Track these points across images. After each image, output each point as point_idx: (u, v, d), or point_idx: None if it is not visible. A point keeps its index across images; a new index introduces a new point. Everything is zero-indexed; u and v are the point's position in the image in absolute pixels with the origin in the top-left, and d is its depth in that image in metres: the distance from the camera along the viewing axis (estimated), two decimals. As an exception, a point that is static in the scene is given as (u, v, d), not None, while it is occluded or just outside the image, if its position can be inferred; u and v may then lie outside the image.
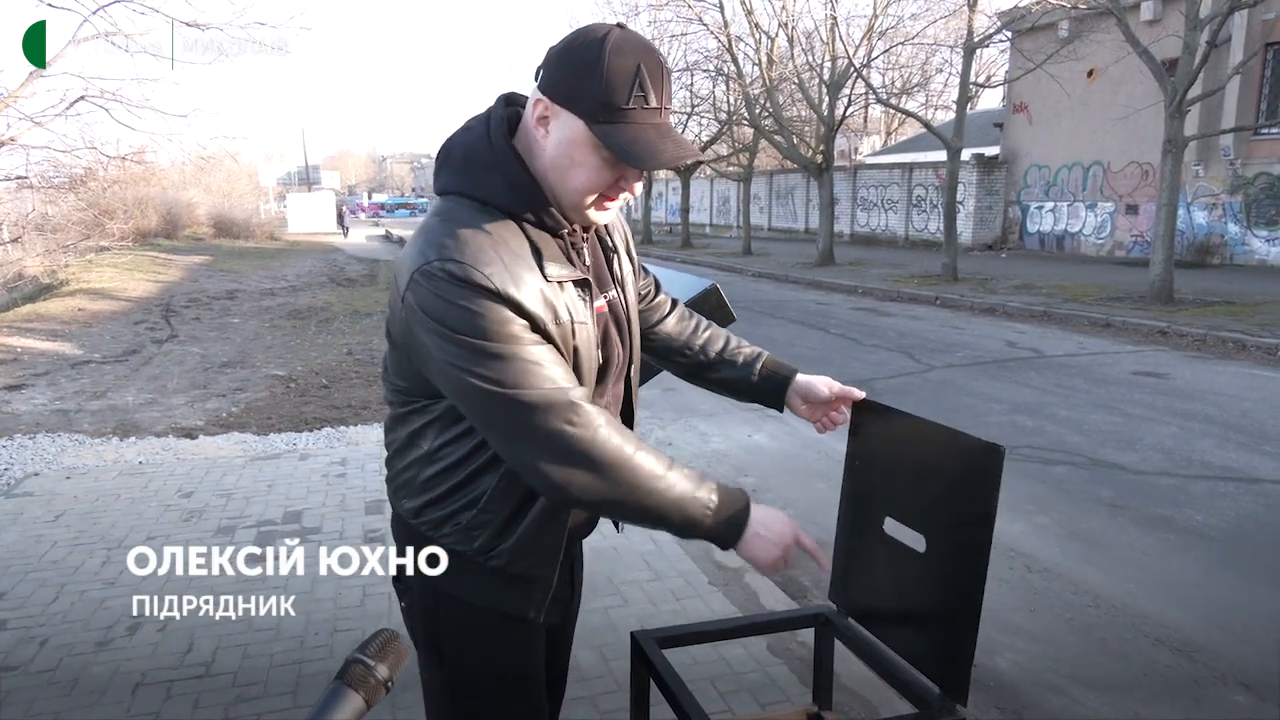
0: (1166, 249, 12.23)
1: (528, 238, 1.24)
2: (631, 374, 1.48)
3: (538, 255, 1.23)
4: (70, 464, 5.24)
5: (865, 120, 40.52)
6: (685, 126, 29.02)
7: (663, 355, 1.67)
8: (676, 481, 1.23)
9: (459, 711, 1.43)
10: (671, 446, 5.95)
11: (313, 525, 4.23)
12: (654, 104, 1.17)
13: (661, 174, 37.48)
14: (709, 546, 4.01)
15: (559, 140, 1.21)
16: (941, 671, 1.31)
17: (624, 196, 1.28)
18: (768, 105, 21.26)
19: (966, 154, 19.95)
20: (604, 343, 1.36)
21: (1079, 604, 3.63)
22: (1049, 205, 22.12)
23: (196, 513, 4.39)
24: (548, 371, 1.18)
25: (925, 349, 9.59)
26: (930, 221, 25.28)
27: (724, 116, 26.47)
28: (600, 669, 2.90)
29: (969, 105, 17.13)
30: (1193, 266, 16.73)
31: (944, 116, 31.32)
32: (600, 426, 1.20)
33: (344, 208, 41.79)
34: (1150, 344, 9.98)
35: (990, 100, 33.11)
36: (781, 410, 1.65)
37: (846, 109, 21.21)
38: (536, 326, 1.20)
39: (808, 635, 1.94)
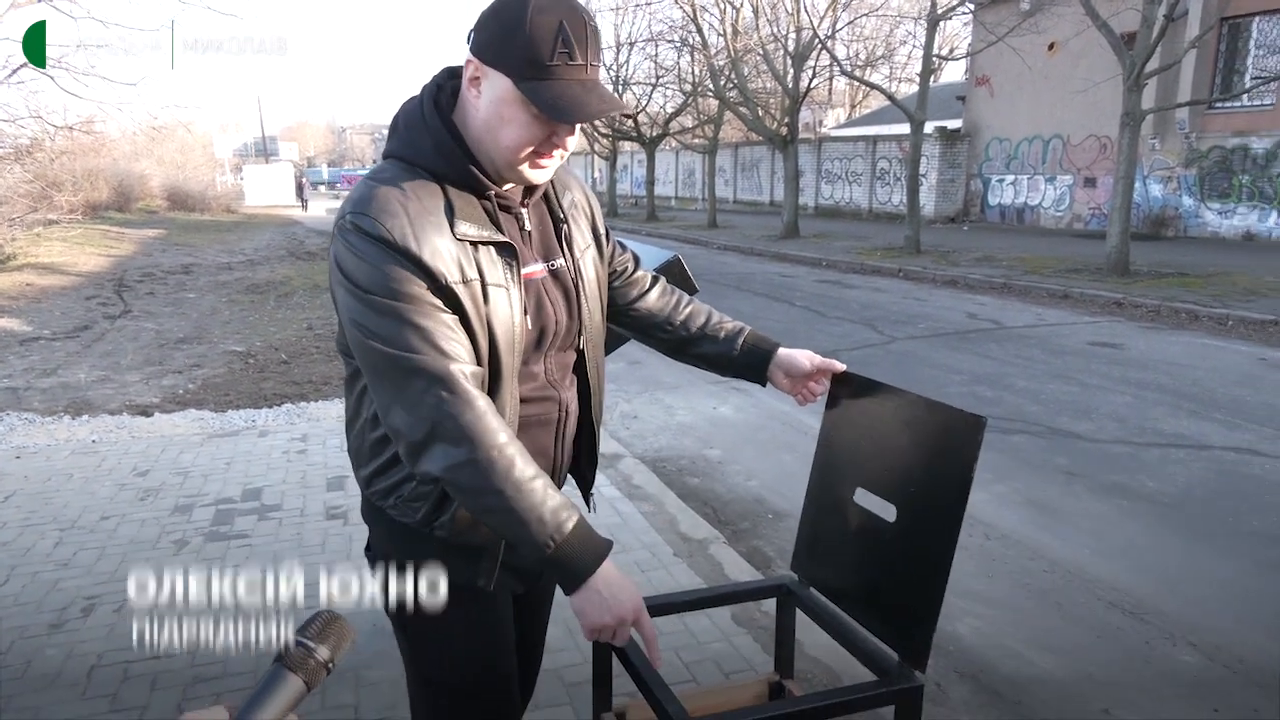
0: (1123, 221, 12.43)
1: (446, 197, 1.26)
2: (584, 345, 1.45)
3: (450, 213, 1.25)
4: (20, 443, 5.10)
5: (830, 93, 40.53)
6: (650, 98, 28.82)
7: (645, 331, 1.67)
8: (535, 494, 1.19)
9: (425, 679, 1.46)
10: (637, 420, 5.95)
11: (273, 502, 4.17)
12: (579, 60, 1.18)
13: (627, 146, 37.20)
14: (675, 519, 4.03)
15: (490, 100, 1.23)
16: (902, 639, 1.32)
17: (559, 153, 1.28)
18: (732, 77, 21.16)
19: (929, 127, 20.06)
20: (537, 310, 1.35)
21: (1036, 569, 3.71)
22: (1010, 178, 22.35)
23: (152, 491, 4.30)
24: (435, 338, 1.19)
25: (888, 321, 9.68)
26: (894, 194, 25.44)
27: (689, 88, 26.30)
28: (565, 642, 2.90)
29: (932, 78, 17.20)
30: (1148, 239, 17.04)
31: (908, 89, 31.44)
32: (473, 407, 1.18)
33: (304, 179, 40.97)
34: (1106, 315, 10.17)
35: (953, 73, 33.27)
36: (764, 384, 1.65)
37: (811, 81, 21.17)
38: (437, 283, 1.21)
39: (771, 606, 1.95)
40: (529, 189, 1.36)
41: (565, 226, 1.43)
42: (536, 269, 1.36)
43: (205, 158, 41.91)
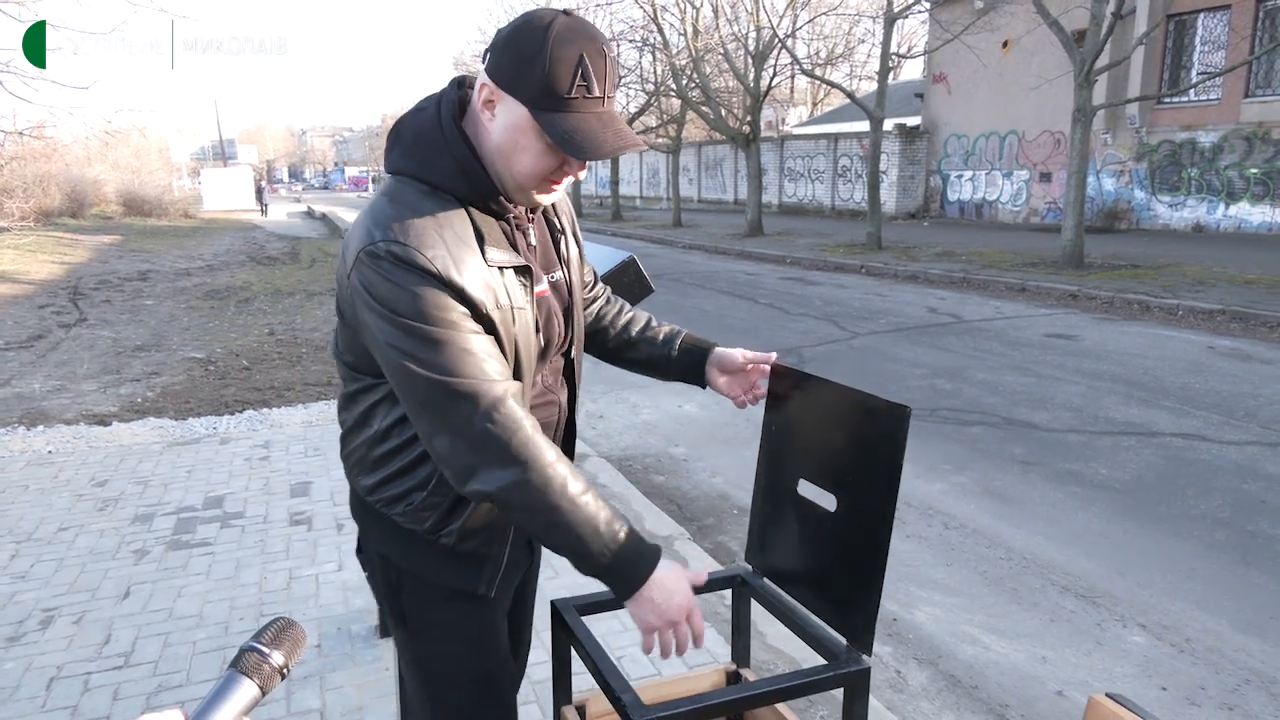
0: (1077, 215, 12.69)
1: (472, 222, 1.25)
2: (573, 352, 1.49)
3: (480, 239, 1.24)
4: (-27, 456, 5.00)
5: (791, 91, 40.83)
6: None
7: (587, 337, 1.68)
8: (589, 508, 1.22)
9: (425, 676, 1.48)
10: (603, 419, 5.98)
11: (235, 510, 4.14)
12: (596, 93, 1.18)
13: (590, 146, 37.18)
14: (640, 516, 4.05)
15: (504, 125, 1.22)
16: (849, 625, 1.37)
17: (567, 180, 1.30)
18: (694, 76, 21.25)
19: (889, 124, 20.31)
20: (545, 325, 1.37)
21: (993, 557, 3.79)
22: (968, 174, 22.70)
23: (111, 501, 4.25)
24: (481, 362, 1.19)
25: (850, 317, 9.80)
26: (855, 191, 25.71)
27: (651, 88, 26.36)
28: (532, 641, 2.92)
29: (891, 76, 17.42)
30: (1102, 232, 17.42)
31: (868, 87, 31.75)
32: (523, 428, 1.20)
33: (262, 183, 40.37)
34: (1062, 307, 10.38)
35: (912, 71, 33.71)
36: (704, 386, 1.67)
37: (772, 80, 21.34)
38: (477, 311, 1.21)
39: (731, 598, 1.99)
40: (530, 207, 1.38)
41: (562, 238, 1.46)
42: (543, 286, 1.38)
43: (161, 162, 41.16)
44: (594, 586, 1.36)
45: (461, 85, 1.30)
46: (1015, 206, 21.41)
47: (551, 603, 1.53)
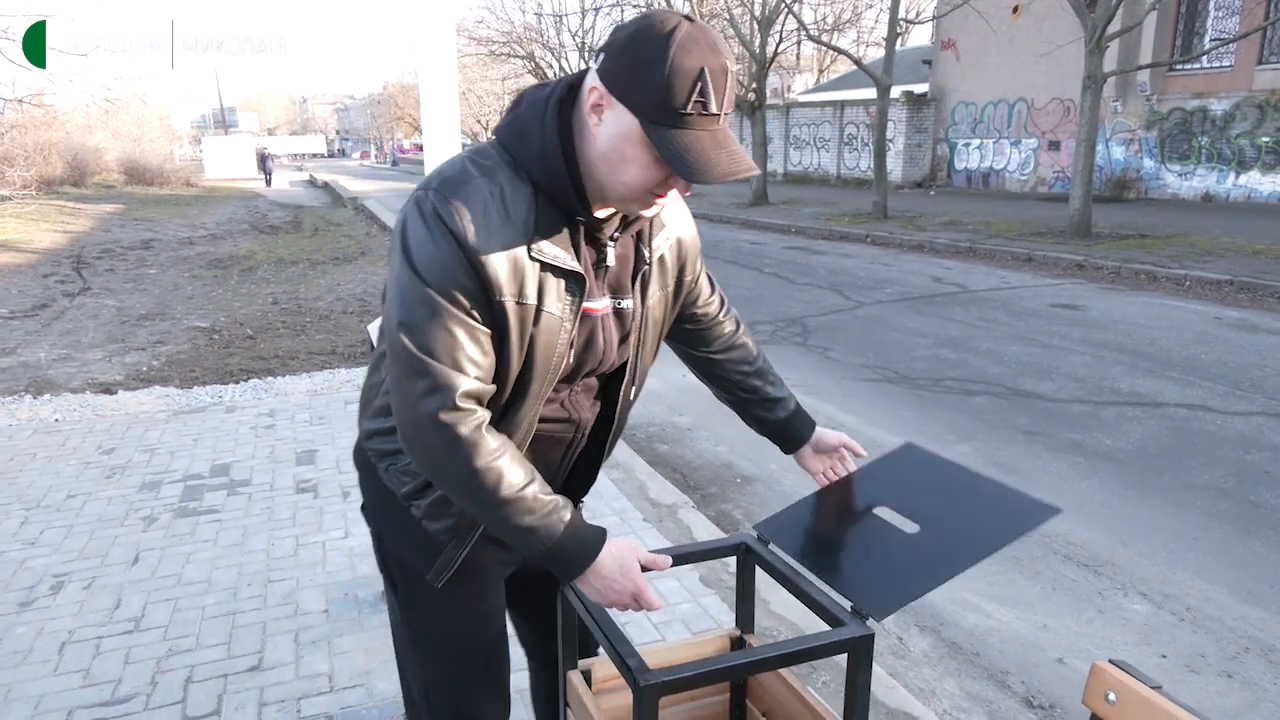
0: (1085, 184, 12.58)
1: (536, 210, 1.20)
2: (624, 388, 1.43)
3: (534, 228, 1.20)
4: (-19, 424, 5.03)
5: (798, 58, 40.34)
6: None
7: (704, 375, 1.71)
8: (524, 503, 1.21)
9: (413, 642, 1.52)
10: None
11: (242, 478, 4.17)
12: (713, 110, 1.12)
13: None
14: (644, 484, 4.08)
15: (611, 134, 1.16)
16: (857, 590, 1.38)
17: (673, 194, 1.24)
18: (699, 42, 20.95)
19: (896, 91, 20.09)
20: (585, 344, 1.31)
21: (995, 526, 3.80)
22: (975, 142, 22.49)
23: (119, 469, 4.28)
24: (456, 349, 1.17)
25: (855, 286, 9.77)
26: (862, 160, 25.49)
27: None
28: (536, 607, 2.96)
29: (898, 42, 17.19)
30: (1110, 201, 17.27)
31: (875, 53, 31.36)
32: (464, 424, 1.18)
33: (265, 151, 40.08)
34: (1068, 277, 10.33)
35: (920, 37, 33.25)
36: (788, 453, 1.73)
37: (778, 46, 21.08)
38: (489, 294, 1.17)
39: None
40: (624, 221, 1.31)
41: (646, 269, 1.37)
42: (600, 305, 1.31)
43: (162, 130, 40.95)
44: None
45: (574, 86, 1.24)
46: (1023, 175, 21.23)
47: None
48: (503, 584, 1.56)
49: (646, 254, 1.36)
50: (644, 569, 1.33)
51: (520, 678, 1.84)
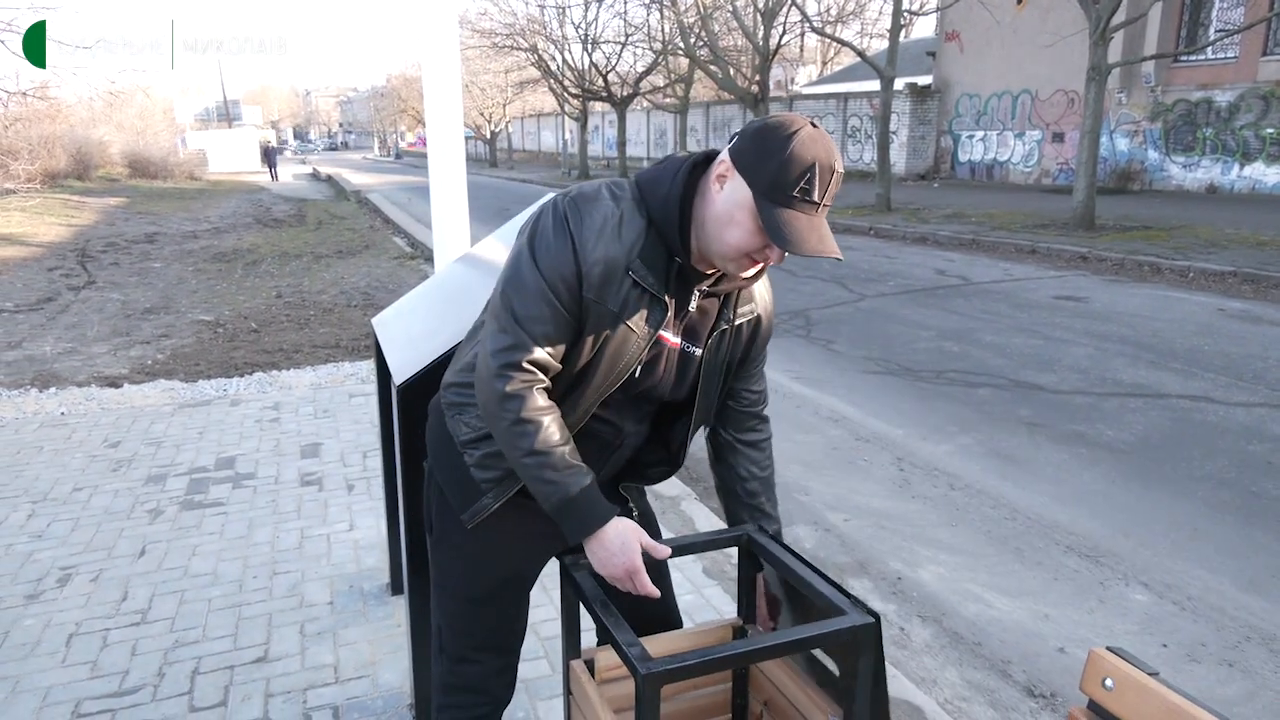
0: (1089, 176, 12.55)
1: (644, 240, 1.39)
2: (690, 425, 1.59)
3: (638, 253, 1.38)
4: (-13, 417, 5.06)
5: (801, 50, 40.19)
6: (620, 56, 28.48)
7: (718, 457, 1.77)
8: (554, 458, 1.38)
9: (436, 583, 1.67)
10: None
11: (247, 471, 4.19)
12: (815, 199, 1.30)
13: (597, 107, 36.82)
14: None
15: (728, 199, 1.34)
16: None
17: (766, 265, 1.40)
18: (703, 34, 20.94)
19: (900, 83, 20.02)
20: (648, 366, 1.47)
21: (997, 517, 3.82)
22: (979, 134, 22.42)
23: (125, 462, 4.30)
24: (544, 323, 1.37)
25: (858, 279, 9.76)
26: (865, 152, 25.42)
27: (659, 46, 26.00)
28: (540, 599, 2.97)
29: (902, 34, 17.14)
30: (1114, 193, 17.23)
31: (879, 45, 31.26)
32: (526, 381, 1.38)
33: (270, 145, 39.98)
34: (1072, 269, 10.31)
35: (924, 29, 33.12)
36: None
37: (781, 38, 21.00)
38: (580, 290, 1.36)
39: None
40: (718, 281, 1.46)
41: (726, 329, 1.52)
42: (673, 339, 1.48)
43: (166, 123, 40.87)
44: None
45: (709, 157, 1.43)
46: (1027, 167, 21.17)
47: (560, 560, 1.55)
48: (539, 559, 1.67)
49: (730, 315, 1.53)
50: (645, 554, 1.44)
51: (522, 668, 1.86)
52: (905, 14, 17.09)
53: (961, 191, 19.62)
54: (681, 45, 22.53)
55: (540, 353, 1.38)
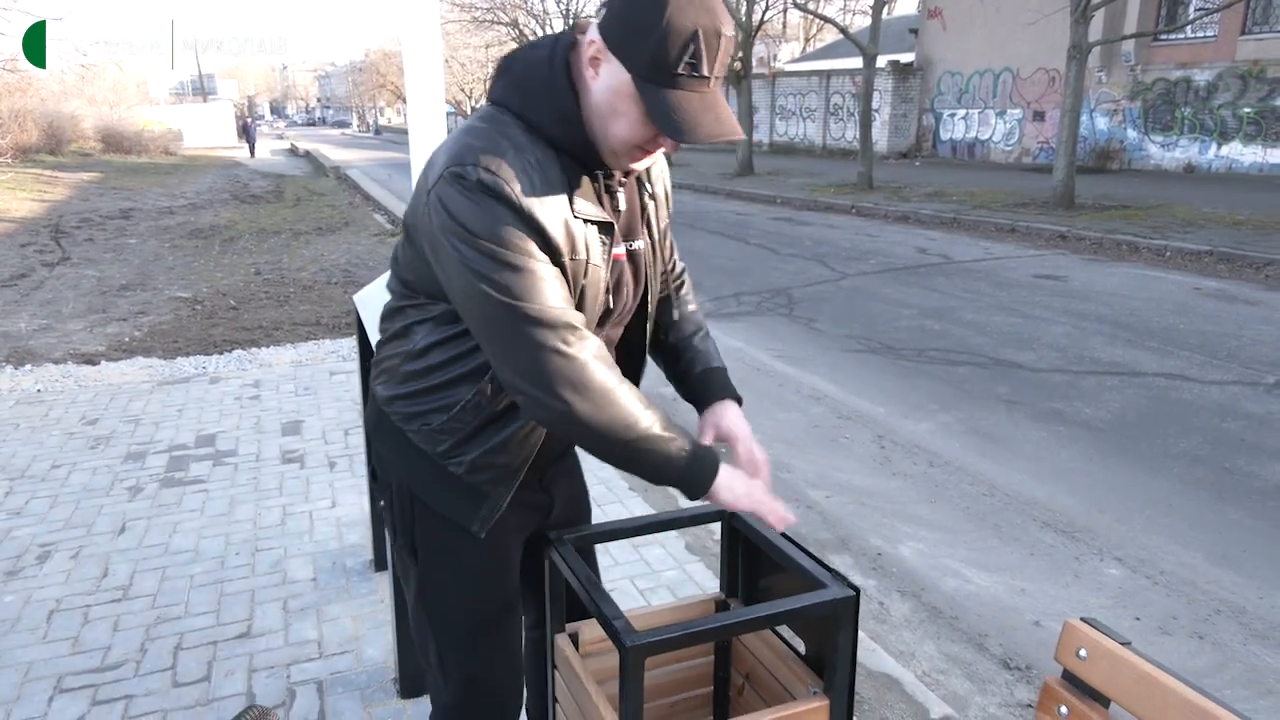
0: (1069, 155, 12.61)
1: (563, 169, 1.24)
2: (644, 325, 1.49)
3: (569, 189, 1.24)
4: (-39, 395, 4.99)
5: (784, 26, 40.00)
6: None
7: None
8: (657, 423, 1.26)
9: (430, 611, 1.49)
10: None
11: (228, 448, 4.17)
12: (704, 73, 1.15)
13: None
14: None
15: (606, 87, 1.20)
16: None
17: (661, 151, 1.28)
18: (685, 10, 20.74)
19: (882, 61, 19.97)
20: (615, 289, 1.36)
21: (976, 494, 3.87)
22: (961, 113, 22.45)
23: (103, 439, 4.26)
24: (555, 291, 1.20)
25: (840, 257, 9.79)
26: (848, 130, 25.41)
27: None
28: (524, 574, 2.99)
29: (885, 10, 17.08)
30: (1094, 172, 17.32)
31: (862, 21, 31.14)
32: (592, 354, 1.22)
33: (248, 120, 39.38)
34: (1051, 248, 10.39)
35: (907, 6, 33.01)
36: (700, 414, 1.66)
37: (764, 14, 20.90)
38: (553, 254, 1.22)
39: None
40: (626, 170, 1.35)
41: (653, 204, 1.43)
42: (621, 250, 1.36)
43: (140, 97, 40.18)
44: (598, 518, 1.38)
45: (581, 32, 1.26)
46: (1008, 146, 21.24)
47: (545, 535, 1.56)
48: (520, 546, 1.57)
49: (649, 190, 1.42)
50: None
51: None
52: (889, -9, 17.04)
53: (943, 170, 19.67)
54: (664, 21, 22.32)
55: (575, 315, 1.23)
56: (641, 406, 1.25)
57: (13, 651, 2.56)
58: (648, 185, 1.42)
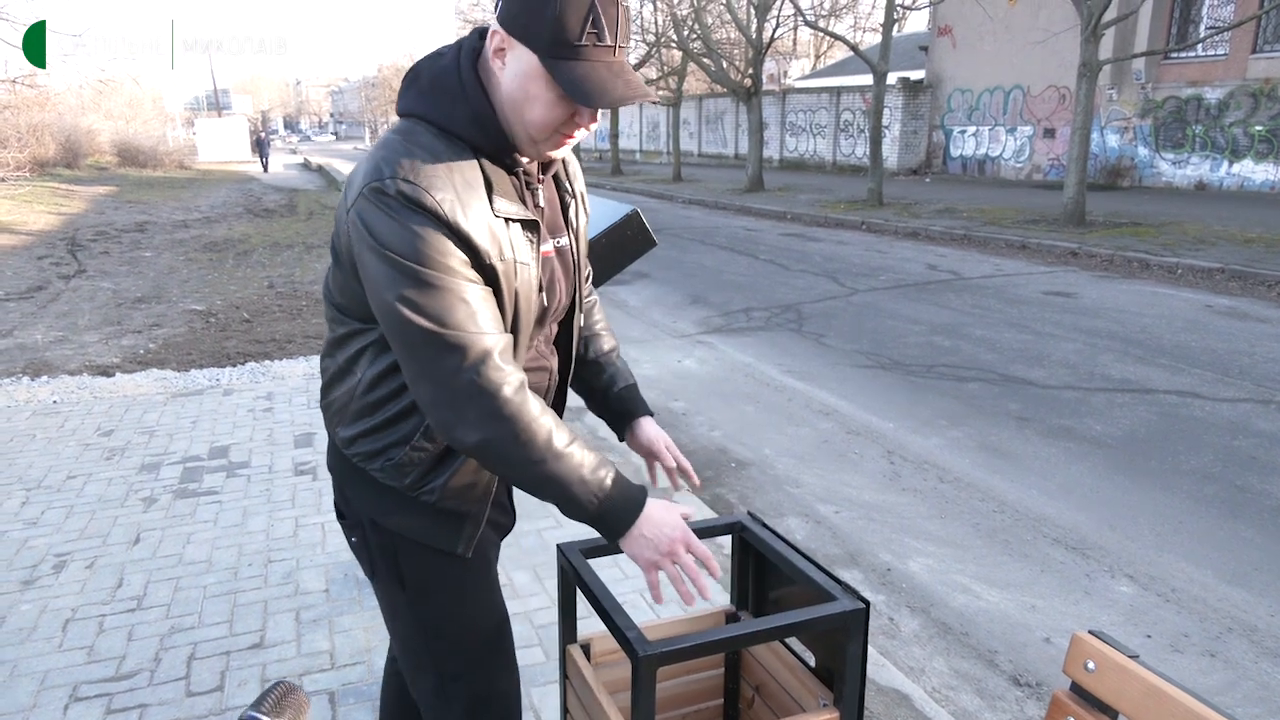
0: (1079, 172, 12.61)
1: (483, 171, 1.24)
2: (574, 318, 1.50)
3: (489, 189, 1.23)
4: (-21, 405, 5.05)
5: (794, 43, 40.20)
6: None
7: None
8: (573, 459, 1.22)
9: (427, 638, 1.47)
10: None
11: (241, 460, 4.20)
12: (608, 41, 1.16)
13: (589, 98, 36.69)
14: (640, 468, 4.12)
15: (514, 74, 1.20)
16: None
17: (580, 132, 1.27)
18: (696, 27, 20.92)
19: (892, 78, 20.05)
20: (548, 287, 1.36)
21: (986, 510, 3.87)
22: (971, 129, 22.47)
23: (118, 450, 4.30)
24: (475, 314, 1.18)
25: (850, 273, 9.80)
26: (857, 146, 25.47)
27: (652, 39, 25.94)
28: (534, 587, 3.00)
29: (895, 28, 17.16)
30: (1105, 189, 17.31)
31: (872, 39, 31.29)
32: (508, 383, 1.19)
33: (263, 135, 39.71)
34: (1062, 265, 10.38)
35: (917, 23, 33.16)
36: (621, 438, 1.69)
37: (775, 31, 21.00)
38: (480, 260, 1.21)
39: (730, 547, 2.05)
40: (544, 164, 1.36)
41: (573, 203, 1.45)
42: (549, 246, 1.37)
43: (156, 111, 40.62)
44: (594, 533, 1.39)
45: (483, 35, 1.27)
46: (1018, 163, 21.24)
47: (557, 546, 1.58)
48: (497, 557, 1.57)
49: (569, 187, 1.45)
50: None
51: (518, 655, 1.88)
52: (898, 8, 17.11)
53: (953, 187, 19.68)
54: (675, 38, 22.49)
55: (499, 339, 1.21)
56: (562, 439, 1.22)
57: (29, 660, 2.59)
58: (567, 184, 1.45)
